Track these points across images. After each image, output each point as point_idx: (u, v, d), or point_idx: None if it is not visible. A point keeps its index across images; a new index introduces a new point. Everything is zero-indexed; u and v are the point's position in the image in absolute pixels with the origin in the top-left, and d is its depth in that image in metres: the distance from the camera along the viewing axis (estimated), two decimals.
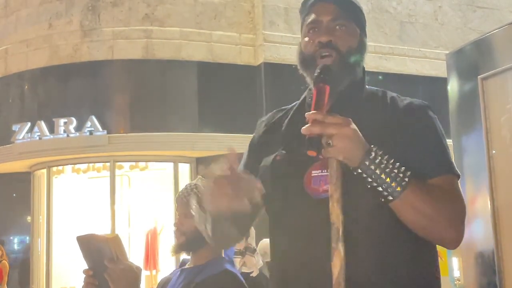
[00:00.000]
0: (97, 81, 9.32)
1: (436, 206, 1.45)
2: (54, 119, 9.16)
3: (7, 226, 10.60)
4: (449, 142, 1.79)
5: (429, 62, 10.08)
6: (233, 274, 2.13)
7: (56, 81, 9.47)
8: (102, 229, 9.58)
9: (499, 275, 3.06)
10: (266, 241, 5.83)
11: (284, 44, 9.19)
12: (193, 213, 1.82)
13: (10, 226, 10.66)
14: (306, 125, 1.41)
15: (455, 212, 1.49)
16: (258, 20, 9.47)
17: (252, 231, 2.30)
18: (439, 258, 1.62)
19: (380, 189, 1.43)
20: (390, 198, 1.42)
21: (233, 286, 2.09)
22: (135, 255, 10.00)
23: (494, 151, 3.19)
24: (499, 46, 3.33)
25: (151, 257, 10.22)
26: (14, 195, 10.52)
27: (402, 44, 10.06)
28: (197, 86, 9.23)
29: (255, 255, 6.42)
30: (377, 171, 1.41)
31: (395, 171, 1.42)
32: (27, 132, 9.36)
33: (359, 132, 1.43)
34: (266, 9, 9.34)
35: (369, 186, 1.44)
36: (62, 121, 9.11)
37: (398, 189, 1.41)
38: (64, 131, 9.10)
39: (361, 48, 1.67)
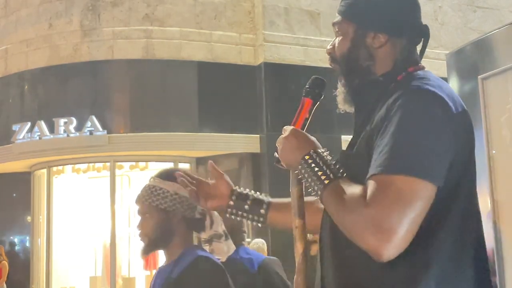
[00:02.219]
0: (97, 81, 9.31)
1: (342, 210, 1.37)
2: (54, 119, 9.15)
3: (7, 226, 10.59)
4: None
5: (429, 62, 10.03)
6: (207, 257, 2.13)
7: (56, 81, 9.46)
8: (102, 229, 9.59)
9: (499, 275, 3.06)
10: (256, 241, 5.76)
11: (284, 44, 9.18)
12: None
13: (10, 226, 10.65)
14: None
15: (365, 219, 1.30)
16: (258, 20, 9.46)
17: (216, 216, 2.27)
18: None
19: (310, 190, 1.53)
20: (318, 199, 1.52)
21: (210, 270, 2.10)
22: (135, 255, 10.00)
23: (494, 151, 3.19)
24: (499, 46, 3.33)
25: (151, 256, 10.21)
26: (14, 195, 10.51)
27: None
28: (197, 86, 9.22)
29: (223, 240, 6.35)
30: (305, 175, 1.51)
31: (319, 173, 1.47)
32: (27, 132, 9.35)
33: (296, 140, 1.55)
34: (266, 9, 9.33)
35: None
36: (62, 121, 9.10)
37: (319, 192, 1.47)
38: (64, 131, 9.09)
39: (358, 45, 1.60)
